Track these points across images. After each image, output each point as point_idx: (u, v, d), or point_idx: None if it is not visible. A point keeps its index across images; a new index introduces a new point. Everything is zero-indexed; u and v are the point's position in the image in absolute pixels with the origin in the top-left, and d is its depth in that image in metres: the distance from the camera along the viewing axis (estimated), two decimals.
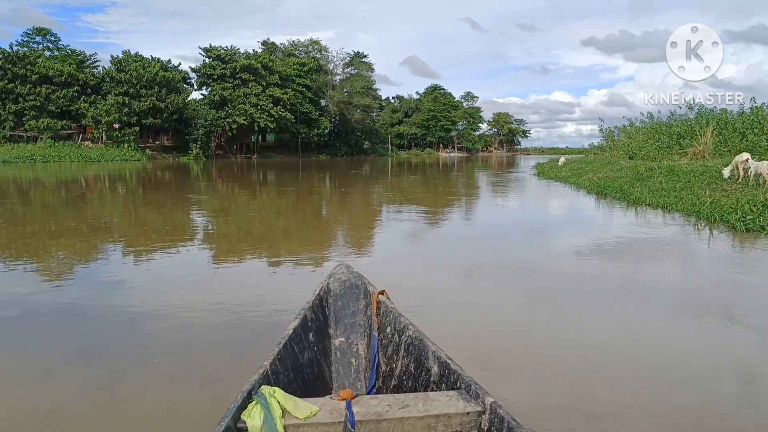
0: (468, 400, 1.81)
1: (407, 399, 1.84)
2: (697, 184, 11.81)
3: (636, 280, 5.46)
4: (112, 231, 8.73)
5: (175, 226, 9.53)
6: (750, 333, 3.87)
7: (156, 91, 46.73)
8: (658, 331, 3.90)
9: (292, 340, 2.24)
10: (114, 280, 5.43)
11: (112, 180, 22.60)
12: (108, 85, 48.44)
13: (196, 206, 12.79)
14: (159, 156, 49.52)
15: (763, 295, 5.02)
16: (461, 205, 13.26)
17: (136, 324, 4.03)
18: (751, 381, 3.15)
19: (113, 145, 46.60)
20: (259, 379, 1.86)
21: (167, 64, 50.65)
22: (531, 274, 5.78)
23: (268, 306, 4.49)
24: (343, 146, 66.95)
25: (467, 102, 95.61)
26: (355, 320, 2.66)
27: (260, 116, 52.91)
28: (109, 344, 3.64)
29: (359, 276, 2.78)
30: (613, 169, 17.36)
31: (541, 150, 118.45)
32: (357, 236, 8.65)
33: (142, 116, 46.95)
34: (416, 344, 2.24)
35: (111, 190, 17.83)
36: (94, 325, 4.06)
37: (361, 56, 70.22)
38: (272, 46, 65.26)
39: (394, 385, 2.33)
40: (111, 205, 12.80)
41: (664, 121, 26.12)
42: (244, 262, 6.39)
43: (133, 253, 6.83)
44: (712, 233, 7.99)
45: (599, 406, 2.77)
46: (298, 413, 1.73)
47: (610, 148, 28.21)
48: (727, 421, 2.65)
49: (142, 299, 4.70)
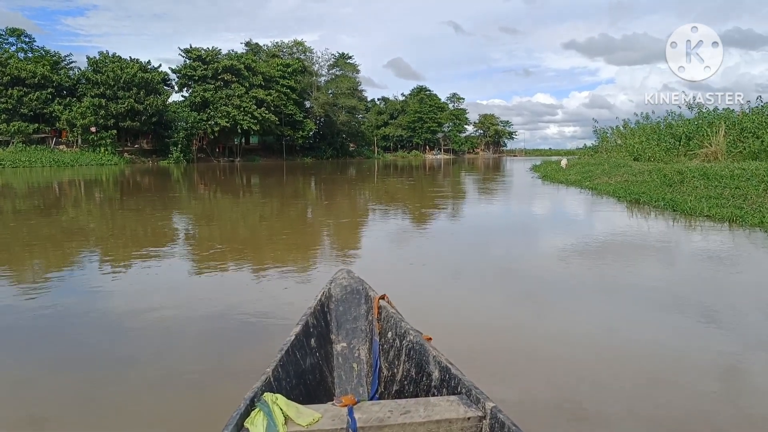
0: (468, 405, 1.81)
1: (408, 405, 1.84)
2: (752, 191, 10.20)
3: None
4: (78, 241, 7.56)
5: (146, 234, 8.65)
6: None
7: (134, 92, 45.01)
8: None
9: (294, 346, 2.23)
10: (85, 291, 5.10)
11: (78, 186, 21.16)
12: (84, 87, 46.55)
13: (171, 213, 11.60)
14: (138, 160, 47.74)
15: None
16: (474, 220, 10.84)
17: (118, 331, 3.93)
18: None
19: (89, 149, 44.68)
20: (261, 386, 1.86)
21: (146, 65, 48.95)
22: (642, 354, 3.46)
23: (252, 311, 4.33)
24: (329, 148, 65.64)
25: (453, 103, 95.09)
26: (357, 325, 2.64)
27: (243, 118, 51.48)
28: (89, 350, 3.56)
29: (360, 281, 2.74)
30: (630, 173, 15.69)
31: (527, 152, 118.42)
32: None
33: (120, 119, 45.17)
34: (417, 349, 2.24)
35: (77, 197, 16.47)
36: (74, 331, 3.95)
37: (346, 57, 69.16)
38: (256, 47, 63.79)
39: (396, 390, 2.33)
40: (72, 213, 11.52)
41: (659, 121, 25.54)
42: (225, 269, 6.02)
43: (110, 264, 6.27)
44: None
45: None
46: (301, 420, 1.73)
47: (605, 150, 27.46)
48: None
49: (122, 306, 4.55)
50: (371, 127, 79.92)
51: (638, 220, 9.93)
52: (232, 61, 52.31)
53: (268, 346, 3.03)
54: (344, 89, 64.16)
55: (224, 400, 2.38)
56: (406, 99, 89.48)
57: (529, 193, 16.95)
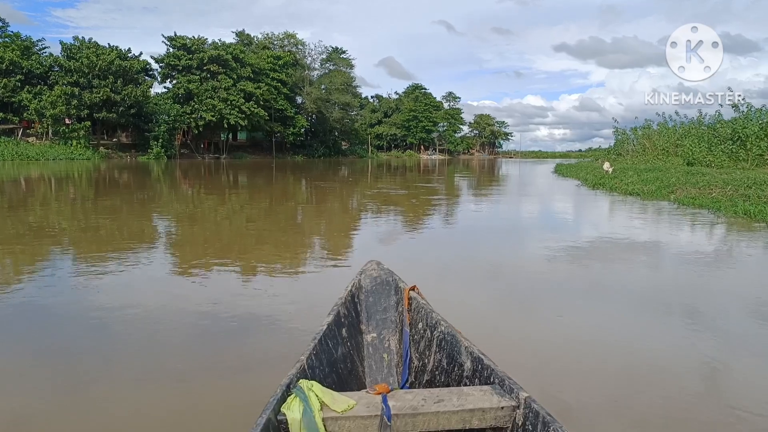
0: (502, 394, 1.79)
1: (442, 393, 1.83)
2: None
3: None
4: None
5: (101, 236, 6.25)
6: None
7: (111, 81, 41.36)
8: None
9: (327, 335, 2.23)
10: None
11: (28, 184, 17.85)
12: (56, 75, 42.84)
13: (140, 215, 8.54)
14: (114, 155, 44.10)
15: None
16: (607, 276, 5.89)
17: (101, 328, 3.77)
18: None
19: (61, 142, 40.98)
20: (296, 373, 1.87)
21: (126, 53, 45.34)
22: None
23: (238, 309, 4.20)
24: (321, 147, 62.33)
25: (449, 103, 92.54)
26: (387, 316, 2.62)
27: (230, 112, 48.13)
28: (72, 346, 3.47)
29: (390, 272, 2.72)
30: (730, 183, 12.36)
31: (523, 154, 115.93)
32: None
33: (95, 109, 41.50)
34: (449, 340, 2.22)
35: (17, 196, 13.25)
36: (56, 329, 3.79)
37: (340, 52, 66.09)
38: (247, 38, 60.35)
39: (427, 380, 2.32)
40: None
41: (684, 122, 23.06)
42: (209, 270, 5.64)
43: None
44: None
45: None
46: (336, 406, 1.73)
47: (633, 152, 24.69)
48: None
49: (103, 305, 4.25)
50: (365, 125, 76.83)
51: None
52: (219, 51, 48.86)
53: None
54: (338, 84, 60.87)
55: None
56: (400, 97, 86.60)
57: (626, 215, 11.20)
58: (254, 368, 3.13)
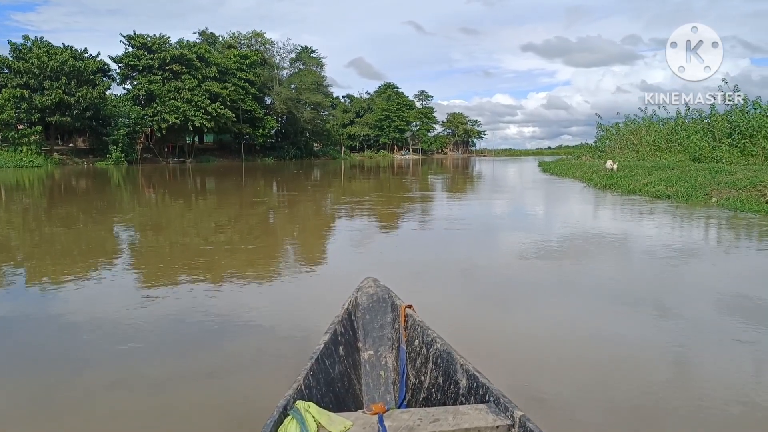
0: (497, 413, 1.77)
1: (437, 413, 1.81)
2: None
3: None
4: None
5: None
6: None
7: (64, 82, 38.78)
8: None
9: (324, 354, 2.20)
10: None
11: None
12: (4, 77, 39.96)
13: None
14: (70, 161, 41.40)
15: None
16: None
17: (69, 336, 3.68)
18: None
19: (9, 149, 38.16)
20: (293, 393, 1.83)
21: (82, 53, 42.68)
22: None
23: (211, 318, 4.05)
24: (292, 148, 60.40)
25: (421, 102, 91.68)
26: (383, 333, 2.58)
27: (195, 114, 45.93)
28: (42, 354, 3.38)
29: (386, 289, 2.67)
30: (759, 182, 11.11)
31: (495, 152, 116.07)
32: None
33: (47, 113, 38.87)
34: (444, 357, 2.19)
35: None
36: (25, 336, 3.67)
37: (310, 51, 64.33)
38: (211, 37, 58.03)
39: (423, 398, 2.29)
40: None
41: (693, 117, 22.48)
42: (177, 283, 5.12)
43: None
44: None
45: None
46: (332, 428, 1.70)
47: (620, 148, 23.94)
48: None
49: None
50: (337, 125, 75.20)
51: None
52: (182, 51, 46.60)
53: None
54: (308, 84, 59.01)
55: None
56: (372, 97, 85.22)
57: (635, 214, 10.08)
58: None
